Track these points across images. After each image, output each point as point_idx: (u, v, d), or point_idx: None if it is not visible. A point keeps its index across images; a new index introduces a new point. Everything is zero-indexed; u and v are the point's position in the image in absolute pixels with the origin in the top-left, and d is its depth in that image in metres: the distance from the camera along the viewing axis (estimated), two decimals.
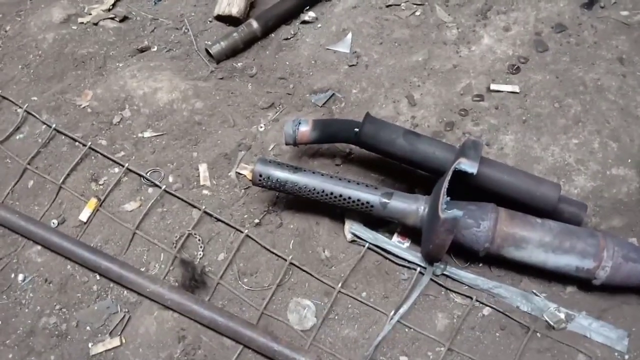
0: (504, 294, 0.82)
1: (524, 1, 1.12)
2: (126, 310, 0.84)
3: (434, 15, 1.13)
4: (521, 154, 0.93)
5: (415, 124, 0.99)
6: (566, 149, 0.93)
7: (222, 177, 0.96)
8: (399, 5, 1.15)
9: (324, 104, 1.05)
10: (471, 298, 0.81)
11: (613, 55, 1.03)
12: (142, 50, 1.17)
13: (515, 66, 1.03)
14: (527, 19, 1.09)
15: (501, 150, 0.94)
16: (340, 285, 0.83)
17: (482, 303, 0.81)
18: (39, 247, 0.90)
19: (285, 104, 1.05)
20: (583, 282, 0.79)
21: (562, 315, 0.79)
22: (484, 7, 1.12)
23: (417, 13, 1.14)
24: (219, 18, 1.21)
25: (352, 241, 0.87)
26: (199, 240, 0.89)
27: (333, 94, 1.06)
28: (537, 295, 0.81)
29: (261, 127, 1.02)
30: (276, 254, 0.87)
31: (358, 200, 0.82)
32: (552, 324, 0.78)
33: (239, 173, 0.96)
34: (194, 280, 0.83)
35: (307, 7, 1.20)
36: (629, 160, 0.91)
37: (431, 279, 0.83)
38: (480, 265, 0.85)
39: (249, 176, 0.95)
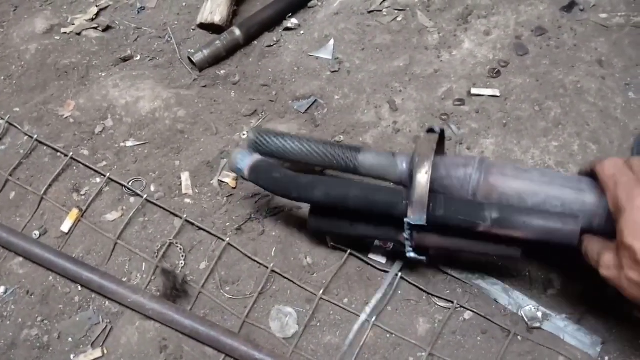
0: (483, 286, 0.82)
1: (504, 5, 1.13)
2: (108, 320, 0.84)
3: (415, 21, 1.13)
4: (502, 158, 0.93)
5: (397, 129, 0.99)
6: (546, 152, 0.93)
7: (204, 185, 0.96)
8: (380, 11, 1.16)
9: (306, 110, 1.05)
10: (452, 302, 0.81)
11: (592, 57, 1.03)
12: (125, 60, 1.17)
13: (496, 70, 1.04)
14: (508, 23, 1.10)
15: (482, 154, 0.94)
16: (321, 292, 0.83)
17: (464, 307, 0.81)
18: (21, 259, 0.90)
19: (268, 111, 1.06)
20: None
21: (540, 314, 0.79)
22: (465, 11, 1.13)
23: (399, 19, 1.14)
24: (202, 26, 1.21)
25: (334, 247, 0.87)
26: (181, 249, 0.88)
27: (315, 100, 1.06)
28: (517, 291, 0.82)
29: (244, 134, 1.02)
30: (258, 262, 0.87)
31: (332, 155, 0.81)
32: (527, 321, 0.79)
33: (222, 181, 0.96)
34: (176, 290, 0.83)
35: (290, 14, 1.20)
36: None
37: (411, 284, 0.83)
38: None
39: (232, 183, 0.95)
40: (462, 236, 0.74)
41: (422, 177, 0.70)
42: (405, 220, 0.71)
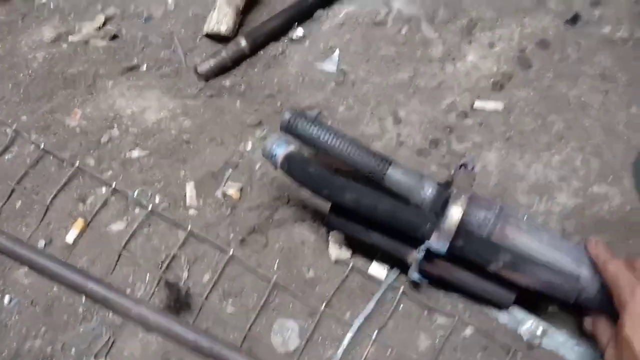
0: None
1: (508, 18, 1.13)
2: (111, 332, 0.85)
3: (419, 33, 1.14)
4: (504, 172, 0.94)
5: (401, 142, 1.00)
6: (549, 166, 0.94)
7: (209, 196, 0.97)
8: (385, 23, 1.16)
9: None
10: (454, 316, 0.82)
11: (596, 71, 1.03)
12: (131, 69, 1.18)
13: (500, 83, 1.04)
14: (512, 36, 1.10)
15: (484, 168, 0.94)
16: (323, 305, 0.84)
17: (465, 322, 0.81)
18: (26, 269, 0.91)
19: (273, 122, 1.06)
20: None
21: (539, 332, 0.79)
22: (470, 23, 1.13)
23: (403, 30, 1.15)
24: (208, 36, 1.22)
25: (337, 261, 0.88)
26: (185, 261, 0.89)
27: (320, 112, 1.06)
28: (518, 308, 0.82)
29: (249, 145, 1.02)
30: (261, 275, 0.87)
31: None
32: (527, 338, 0.79)
33: (226, 193, 0.97)
34: (179, 302, 0.84)
35: (296, 25, 1.20)
36: (611, 177, 0.92)
37: (413, 298, 0.83)
38: None
39: (235, 195, 0.96)
40: (467, 270, 0.78)
41: (456, 210, 0.74)
42: (427, 242, 0.74)
